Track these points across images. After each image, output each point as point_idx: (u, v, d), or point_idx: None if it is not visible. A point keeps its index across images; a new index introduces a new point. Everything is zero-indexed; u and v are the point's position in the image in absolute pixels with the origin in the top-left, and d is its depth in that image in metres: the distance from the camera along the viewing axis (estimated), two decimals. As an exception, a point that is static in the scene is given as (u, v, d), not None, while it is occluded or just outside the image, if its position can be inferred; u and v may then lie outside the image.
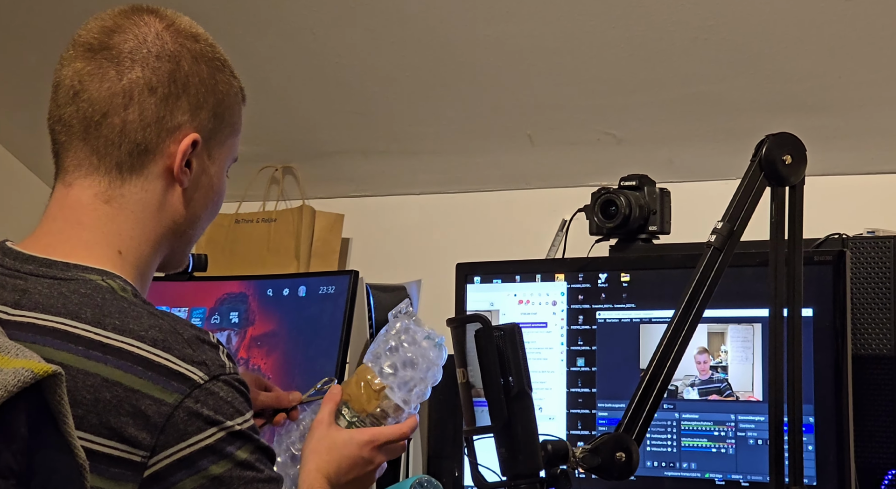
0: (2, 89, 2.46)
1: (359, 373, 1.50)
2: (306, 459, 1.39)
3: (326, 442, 1.42)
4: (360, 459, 1.41)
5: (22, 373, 0.86)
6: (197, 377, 1.09)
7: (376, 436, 1.44)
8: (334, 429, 1.44)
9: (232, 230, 2.55)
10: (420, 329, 1.51)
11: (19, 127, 2.50)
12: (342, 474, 1.40)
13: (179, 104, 1.19)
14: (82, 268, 1.14)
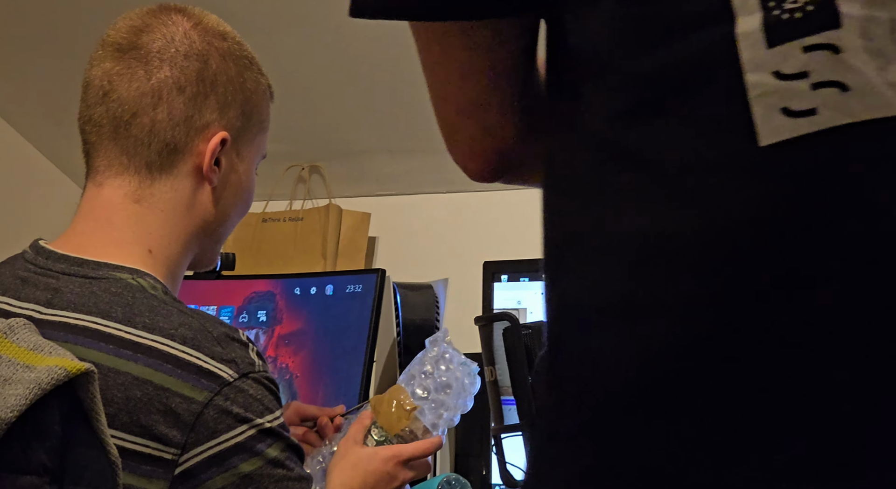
0: (32, 90, 2.48)
1: (391, 392, 1.51)
2: (331, 476, 1.39)
3: (352, 458, 1.42)
4: (384, 475, 1.41)
5: (55, 371, 0.87)
6: (226, 375, 1.09)
7: (400, 451, 1.44)
8: (360, 447, 1.45)
9: (259, 229, 2.56)
10: (457, 355, 1.54)
11: (50, 127, 2.51)
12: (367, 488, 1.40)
13: (208, 103, 1.20)
14: (113, 266, 1.15)
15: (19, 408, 0.84)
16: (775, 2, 0.64)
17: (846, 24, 0.63)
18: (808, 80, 0.63)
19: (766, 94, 0.64)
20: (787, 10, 0.64)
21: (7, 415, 0.83)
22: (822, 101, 0.63)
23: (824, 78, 0.63)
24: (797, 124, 0.63)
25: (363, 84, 2.37)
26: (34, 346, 0.90)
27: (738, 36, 0.65)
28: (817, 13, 0.63)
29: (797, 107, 0.63)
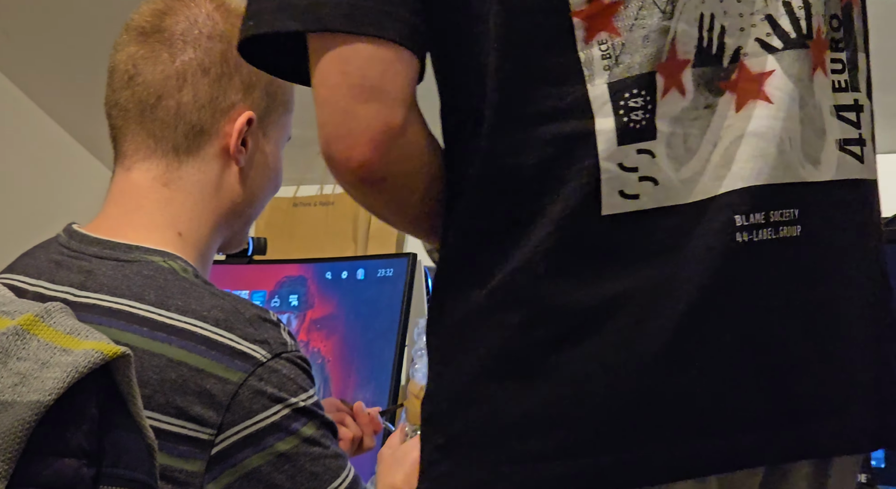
0: (62, 74, 2.49)
1: (408, 389, 1.55)
2: (379, 479, 1.39)
3: (392, 458, 1.42)
4: None
5: (92, 355, 0.87)
6: (259, 355, 1.09)
7: None
8: (398, 447, 1.46)
9: (290, 214, 2.56)
10: None
11: (80, 111, 2.53)
12: (412, 479, 1.39)
13: (232, 84, 1.20)
14: (144, 249, 1.15)
15: (57, 391, 0.84)
16: (624, 111, 0.92)
17: (658, 137, 0.92)
18: (637, 174, 0.91)
19: (612, 179, 0.91)
20: (631, 120, 0.91)
21: (45, 399, 0.84)
22: (642, 190, 0.91)
23: (645, 174, 0.91)
24: (626, 204, 0.91)
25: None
26: (71, 330, 0.90)
27: (597, 133, 0.91)
28: (645, 127, 0.92)
29: (629, 192, 0.91)
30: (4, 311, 0.90)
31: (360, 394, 1.96)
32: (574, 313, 0.91)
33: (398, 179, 0.96)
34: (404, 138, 0.94)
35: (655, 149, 0.91)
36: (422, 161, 0.97)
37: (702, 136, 0.93)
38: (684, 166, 0.92)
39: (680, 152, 0.92)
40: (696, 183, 0.92)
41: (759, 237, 0.91)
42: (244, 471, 1.08)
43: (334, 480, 1.12)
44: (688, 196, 0.92)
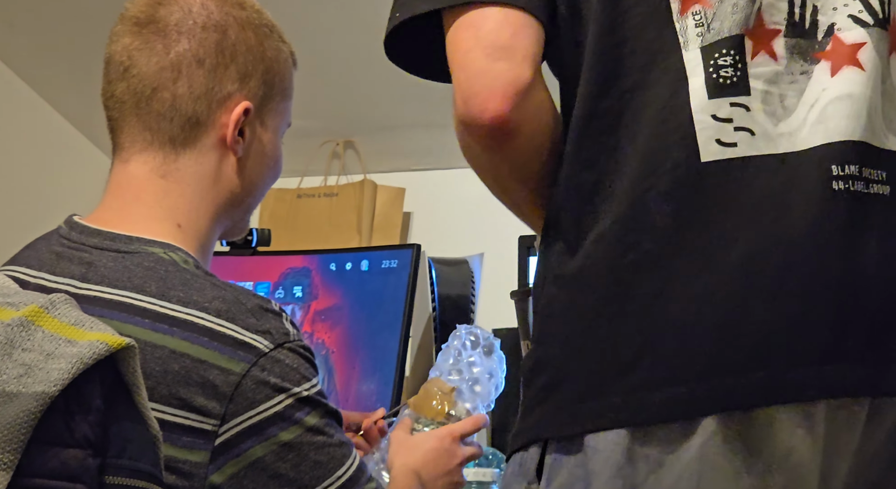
0: (64, 64, 2.49)
1: (427, 385, 1.57)
2: (392, 462, 1.41)
3: (407, 443, 1.44)
4: (442, 451, 1.43)
5: (97, 346, 0.87)
6: (262, 346, 1.10)
7: (452, 429, 1.47)
8: (410, 436, 1.47)
9: (294, 205, 2.57)
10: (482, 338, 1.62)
11: (82, 101, 2.52)
12: (429, 466, 1.41)
13: (228, 74, 1.20)
14: (145, 241, 1.15)
15: (62, 381, 0.85)
16: (713, 69, 1.02)
17: (753, 93, 1.02)
18: (733, 124, 1.01)
19: (706, 129, 1.01)
20: (721, 76, 1.02)
21: (50, 389, 0.84)
22: (740, 138, 1.01)
23: (741, 125, 1.01)
24: (725, 151, 1.00)
25: (397, 59, 2.36)
26: (75, 321, 0.90)
27: (690, 90, 1.01)
28: (737, 84, 1.02)
29: (726, 140, 1.00)
30: (9, 303, 0.91)
31: (364, 384, 1.96)
32: (682, 254, 0.99)
33: (528, 135, 1.05)
34: (533, 95, 1.03)
35: (751, 104, 1.01)
36: (549, 120, 1.07)
37: (799, 97, 1.03)
38: (782, 122, 1.02)
39: (777, 110, 1.02)
40: (794, 136, 1.01)
41: (853, 188, 1.00)
42: (248, 462, 1.08)
43: (339, 468, 1.12)
44: (786, 146, 1.01)
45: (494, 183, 1.15)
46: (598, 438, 0.99)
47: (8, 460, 0.82)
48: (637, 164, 1.01)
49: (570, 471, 1.00)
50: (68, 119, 2.64)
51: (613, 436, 0.98)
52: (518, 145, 1.06)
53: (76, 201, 1.44)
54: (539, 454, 1.03)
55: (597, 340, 1.01)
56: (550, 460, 1.02)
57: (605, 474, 0.98)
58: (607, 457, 0.98)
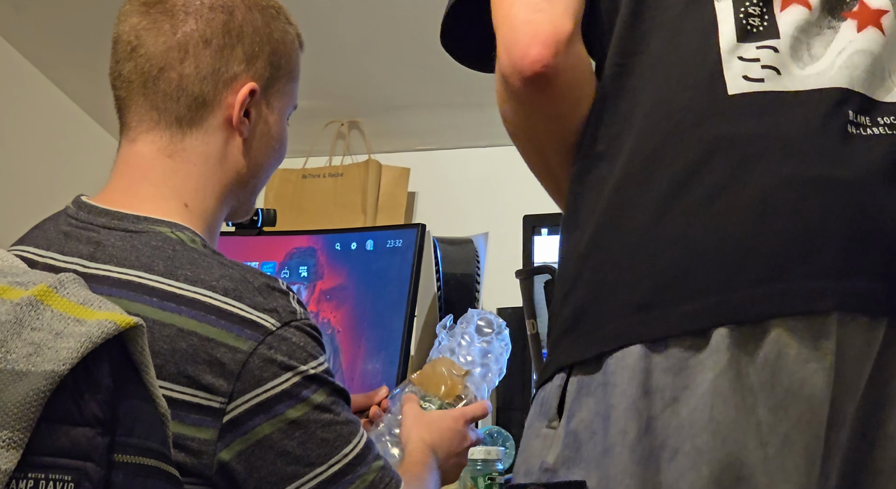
0: (71, 45, 2.49)
1: (436, 363, 1.58)
2: (409, 435, 1.41)
3: (424, 419, 1.45)
4: (457, 432, 1.44)
5: (105, 325, 0.88)
6: (269, 324, 1.10)
7: (464, 412, 1.49)
8: (425, 412, 1.48)
9: (299, 185, 2.57)
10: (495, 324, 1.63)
11: (89, 82, 2.53)
12: (444, 445, 1.42)
13: (234, 54, 1.20)
14: (153, 220, 1.16)
15: (71, 360, 0.85)
16: (743, 16, 1.08)
17: (783, 37, 1.08)
18: (759, 63, 1.07)
19: (733, 67, 1.06)
20: (749, 24, 1.08)
21: (60, 368, 0.85)
22: (766, 75, 1.06)
23: (768, 63, 1.07)
24: (751, 85, 1.06)
25: (402, 39, 2.36)
26: (84, 301, 0.91)
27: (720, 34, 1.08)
28: (766, 30, 1.08)
29: (752, 76, 1.06)
30: (18, 282, 0.91)
31: (369, 363, 1.97)
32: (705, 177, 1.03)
33: (567, 83, 1.09)
34: (573, 47, 1.08)
35: (779, 46, 1.07)
36: (584, 76, 1.11)
37: (826, 47, 1.08)
38: (809, 66, 1.07)
39: (804, 56, 1.08)
40: (819, 77, 1.06)
41: (867, 132, 1.05)
42: (256, 439, 1.09)
43: (346, 446, 1.13)
44: (810, 85, 1.06)
45: (531, 145, 1.17)
46: (616, 363, 1.01)
47: (18, 438, 0.83)
48: (667, 102, 1.07)
49: (589, 408, 1.02)
50: (75, 101, 2.64)
51: (630, 359, 1.00)
52: (557, 94, 1.09)
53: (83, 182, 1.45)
54: (562, 386, 1.05)
55: (619, 268, 1.04)
56: (571, 396, 1.03)
57: (622, 406, 0.99)
58: (624, 389, 1.00)
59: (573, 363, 1.04)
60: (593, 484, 1.00)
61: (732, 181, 1.02)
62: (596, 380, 1.02)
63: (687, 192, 1.03)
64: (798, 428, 0.98)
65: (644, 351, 1.00)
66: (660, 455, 0.98)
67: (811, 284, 1.00)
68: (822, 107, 1.05)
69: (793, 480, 0.98)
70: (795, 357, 0.98)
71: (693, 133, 1.05)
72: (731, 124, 1.04)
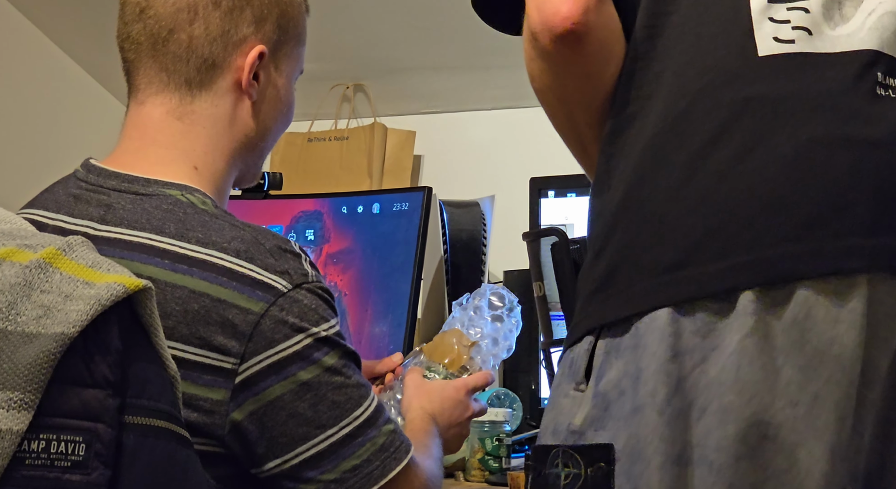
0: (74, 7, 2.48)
1: (446, 335, 1.59)
2: (409, 404, 1.42)
3: (426, 387, 1.46)
4: (458, 402, 1.45)
5: (114, 288, 0.88)
6: (280, 286, 1.11)
7: (466, 382, 1.50)
8: (427, 381, 1.49)
9: (305, 149, 2.56)
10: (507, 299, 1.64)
11: (93, 45, 2.52)
12: (445, 414, 1.43)
13: (244, 16, 1.20)
14: (163, 183, 1.16)
15: (81, 323, 0.86)
16: None
17: None
18: (790, 25, 1.07)
19: (764, 28, 1.07)
20: None
21: (70, 331, 0.85)
22: (797, 36, 1.07)
23: (799, 24, 1.07)
24: (782, 47, 1.07)
25: (408, 1, 2.35)
26: (93, 264, 0.91)
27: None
28: None
29: (783, 37, 1.07)
30: (27, 245, 0.91)
31: (376, 327, 1.98)
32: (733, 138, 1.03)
33: (598, 42, 1.09)
34: (603, 6, 1.08)
35: (811, 7, 1.07)
36: (615, 36, 1.11)
37: (856, 7, 1.09)
38: (839, 27, 1.08)
39: (836, 15, 1.08)
40: (851, 38, 1.07)
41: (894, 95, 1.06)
42: (267, 400, 1.10)
43: (356, 409, 1.13)
44: (841, 46, 1.06)
45: (559, 105, 1.17)
46: (646, 326, 1.01)
47: (29, 400, 0.83)
48: (697, 62, 1.07)
49: (618, 369, 1.02)
50: (81, 64, 2.64)
51: (660, 322, 1.01)
52: (588, 51, 1.09)
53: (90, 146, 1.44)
54: (590, 349, 1.05)
55: (650, 227, 1.04)
56: (599, 359, 1.04)
57: (651, 368, 1.00)
58: (654, 351, 1.00)
59: (603, 324, 1.05)
60: (621, 442, 1.01)
61: (762, 140, 1.03)
62: (625, 343, 1.02)
63: (716, 152, 1.03)
64: (828, 386, 0.98)
65: (673, 314, 1.00)
66: (689, 413, 0.99)
67: (841, 242, 1.00)
68: (851, 68, 1.05)
69: (824, 438, 0.98)
70: (824, 317, 0.99)
71: (723, 93, 1.05)
72: (761, 85, 1.05)
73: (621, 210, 1.07)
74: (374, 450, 1.14)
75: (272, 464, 1.11)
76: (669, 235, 1.03)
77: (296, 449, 1.11)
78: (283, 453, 1.11)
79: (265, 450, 1.10)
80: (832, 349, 0.99)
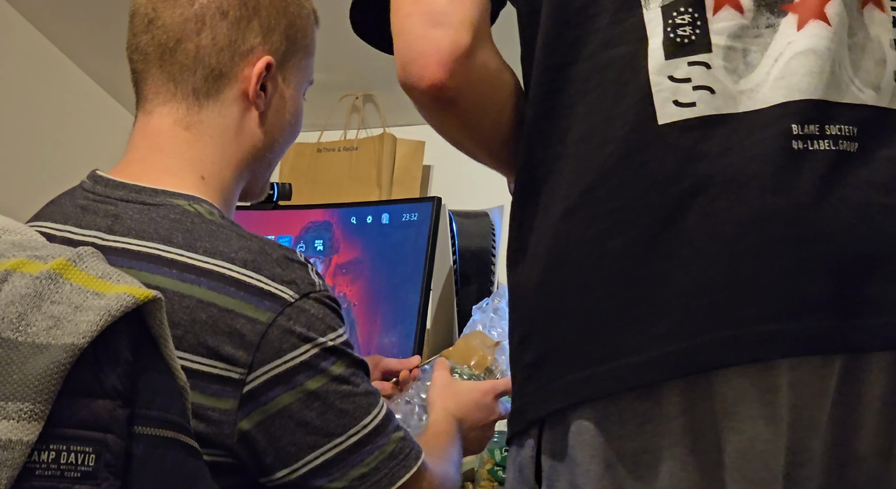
0: (85, 18, 2.49)
1: (467, 338, 1.59)
2: (433, 403, 1.42)
3: (452, 388, 1.46)
4: (483, 405, 1.45)
5: (124, 299, 0.88)
6: (287, 296, 1.11)
7: (495, 385, 1.49)
8: (456, 381, 1.48)
9: (314, 159, 2.57)
10: None
11: (103, 56, 2.53)
12: (469, 415, 1.43)
13: (251, 27, 1.20)
14: (170, 193, 1.16)
15: (91, 333, 0.86)
16: (671, 28, 0.98)
17: (714, 50, 0.98)
18: (691, 84, 0.97)
19: (662, 91, 0.98)
20: (678, 35, 0.98)
21: (79, 341, 0.85)
22: (698, 98, 0.97)
23: (700, 83, 0.97)
24: (682, 112, 0.97)
25: (416, 11, 2.35)
26: (102, 274, 0.91)
27: (648, 51, 0.98)
28: (698, 41, 0.98)
29: (683, 100, 0.97)
30: (37, 256, 0.91)
31: (385, 337, 1.98)
32: (651, 213, 0.96)
33: (469, 100, 1.04)
34: (473, 60, 1.02)
35: (711, 61, 0.98)
36: (492, 84, 1.06)
37: (763, 52, 0.99)
38: (743, 79, 0.99)
39: (739, 66, 0.99)
40: (755, 93, 0.98)
41: (814, 147, 0.96)
42: (275, 410, 1.10)
43: (365, 417, 1.13)
44: (746, 105, 0.98)
45: (450, 140, 1.15)
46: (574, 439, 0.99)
47: (39, 410, 0.83)
48: (598, 130, 1.00)
49: (565, 479, 1.00)
50: (87, 73, 2.65)
51: (587, 437, 0.98)
52: (462, 109, 1.05)
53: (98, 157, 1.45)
54: (534, 456, 1.03)
55: (569, 316, 0.99)
56: (547, 465, 1.02)
57: (588, 486, 0.99)
58: (587, 468, 0.98)
59: (540, 422, 1.03)
60: None
61: (667, 223, 0.96)
62: (565, 451, 1.00)
63: (622, 235, 0.97)
64: (756, 486, 0.96)
65: (600, 422, 0.97)
66: None
67: (759, 328, 0.94)
68: (758, 130, 0.97)
69: None
70: (744, 414, 0.95)
71: (625, 169, 0.98)
72: (662, 159, 0.97)
73: (541, 295, 1.02)
74: (383, 458, 1.14)
75: (281, 474, 1.11)
76: (588, 326, 0.98)
77: (304, 457, 1.11)
78: (291, 462, 1.11)
79: (273, 459, 1.10)
80: (755, 447, 0.96)
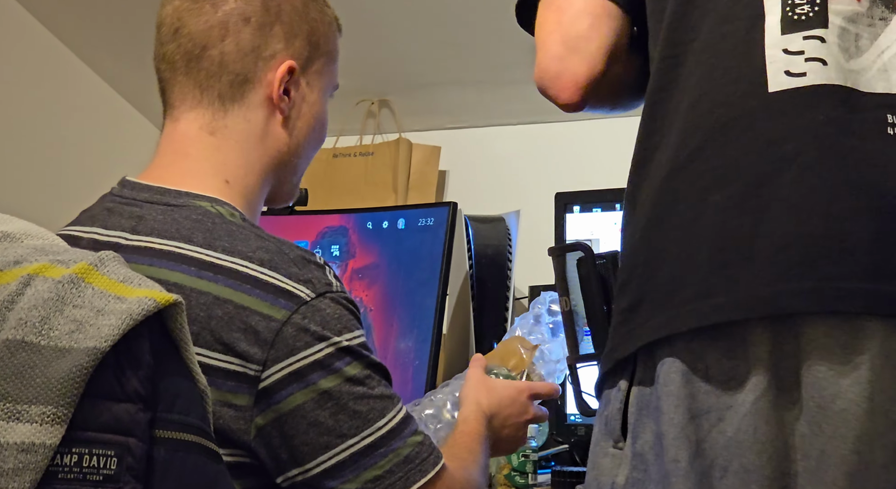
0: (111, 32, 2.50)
1: (507, 343, 1.60)
2: (466, 397, 1.41)
3: (486, 384, 1.45)
4: (518, 404, 1.44)
5: (145, 302, 0.89)
6: (303, 294, 1.12)
7: (532, 386, 1.49)
8: (491, 378, 1.48)
9: (330, 164, 2.58)
10: None
11: (130, 70, 2.54)
12: (501, 411, 1.42)
13: (274, 32, 1.22)
14: (193, 195, 1.19)
15: (113, 337, 0.86)
16: (790, 7, 1.07)
17: (831, 27, 1.06)
18: (804, 56, 1.05)
19: (776, 62, 1.05)
20: (795, 13, 1.06)
21: (102, 345, 0.85)
22: (809, 68, 1.05)
23: (813, 55, 1.05)
24: (792, 81, 1.05)
25: (433, 16, 2.36)
26: (124, 278, 0.91)
27: (766, 27, 1.06)
28: (816, 17, 1.06)
29: (794, 71, 1.05)
30: (59, 260, 0.92)
31: (401, 342, 1.98)
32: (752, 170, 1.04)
33: (602, 101, 1.22)
34: (605, 79, 1.17)
35: (827, 36, 1.06)
36: (620, 97, 1.23)
37: (872, 41, 1.07)
38: (853, 59, 1.06)
39: (851, 47, 1.06)
40: (861, 76, 1.06)
41: None
42: (289, 408, 1.10)
43: (379, 419, 1.13)
44: (853, 83, 1.05)
45: None
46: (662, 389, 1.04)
47: (62, 414, 0.84)
48: (710, 95, 1.08)
49: (651, 429, 1.06)
50: (116, 89, 2.66)
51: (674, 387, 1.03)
52: (592, 108, 1.22)
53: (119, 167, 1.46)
54: (621, 408, 1.09)
55: (664, 265, 1.07)
56: (633, 417, 1.07)
57: (671, 435, 1.03)
58: (671, 417, 1.03)
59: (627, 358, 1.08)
60: None
61: (767, 180, 1.03)
62: (652, 403, 1.06)
63: (723, 190, 1.04)
64: (832, 443, 1.00)
65: (687, 374, 1.03)
66: (711, 473, 1.02)
67: (843, 285, 0.99)
68: (859, 110, 1.04)
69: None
70: (826, 372, 1.00)
71: (732, 130, 1.05)
72: (768, 122, 1.04)
73: (641, 244, 1.10)
74: (398, 462, 1.14)
75: (293, 473, 1.12)
76: (680, 273, 1.05)
77: (317, 458, 1.11)
78: (304, 462, 1.11)
79: (288, 457, 1.11)
80: (835, 405, 1.00)
